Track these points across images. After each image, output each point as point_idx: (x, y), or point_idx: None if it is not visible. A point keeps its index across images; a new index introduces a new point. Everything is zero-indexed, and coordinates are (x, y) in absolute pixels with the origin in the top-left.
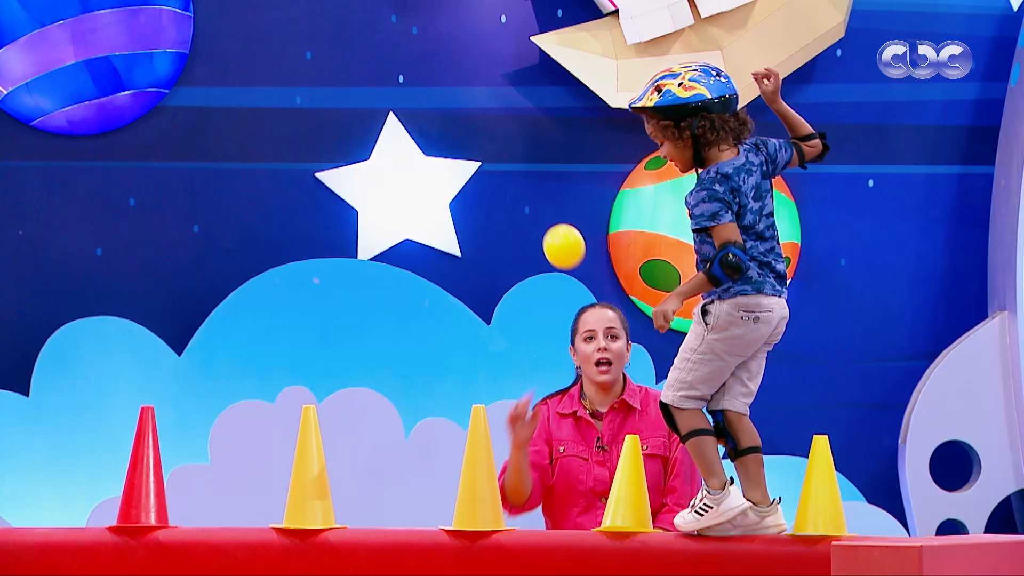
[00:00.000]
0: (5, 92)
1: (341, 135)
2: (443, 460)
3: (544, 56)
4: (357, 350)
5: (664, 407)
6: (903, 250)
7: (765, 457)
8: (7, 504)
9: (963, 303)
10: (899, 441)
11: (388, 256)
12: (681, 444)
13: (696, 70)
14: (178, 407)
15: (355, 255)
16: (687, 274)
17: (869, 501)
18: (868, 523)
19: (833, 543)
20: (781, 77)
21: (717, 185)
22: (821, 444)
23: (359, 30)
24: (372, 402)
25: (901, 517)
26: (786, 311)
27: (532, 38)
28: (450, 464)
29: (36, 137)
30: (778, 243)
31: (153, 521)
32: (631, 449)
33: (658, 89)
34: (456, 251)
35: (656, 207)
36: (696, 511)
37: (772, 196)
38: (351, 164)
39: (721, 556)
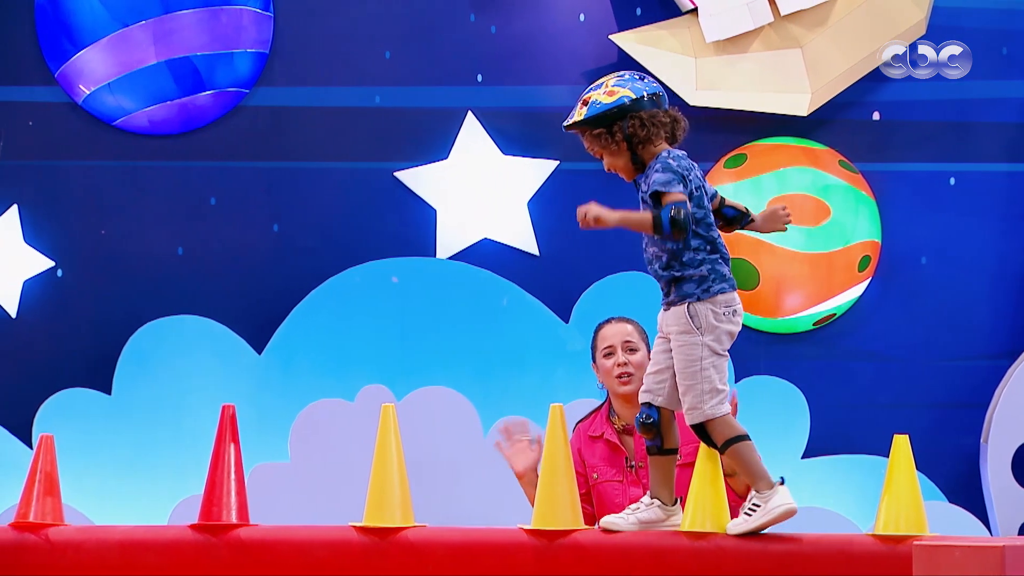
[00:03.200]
0: (88, 92)
1: (420, 134)
2: None
3: (623, 55)
4: (436, 349)
5: (696, 427)
6: (984, 248)
7: (846, 456)
8: (90, 502)
9: None
10: (981, 440)
11: (467, 255)
12: None
13: (619, 76)
14: (258, 405)
15: (434, 254)
16: (768, 273)
17: (950, 501)
18: (949, 523)
19: (914, 543)
20: (861, 75)
21: (671, 161)
22: (902, 443)
23: (438, 29)
24: (451, 400)
25: (983, 517)
26: None
27: (611, 36)
28: None
29: (118, 137)
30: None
31: (234, 519)
32: (703, 450)
33: (584, 103)
34: (534, 250)
35: None
36: (745, 513)
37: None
38: (430, 163)
39: (801, 555)
